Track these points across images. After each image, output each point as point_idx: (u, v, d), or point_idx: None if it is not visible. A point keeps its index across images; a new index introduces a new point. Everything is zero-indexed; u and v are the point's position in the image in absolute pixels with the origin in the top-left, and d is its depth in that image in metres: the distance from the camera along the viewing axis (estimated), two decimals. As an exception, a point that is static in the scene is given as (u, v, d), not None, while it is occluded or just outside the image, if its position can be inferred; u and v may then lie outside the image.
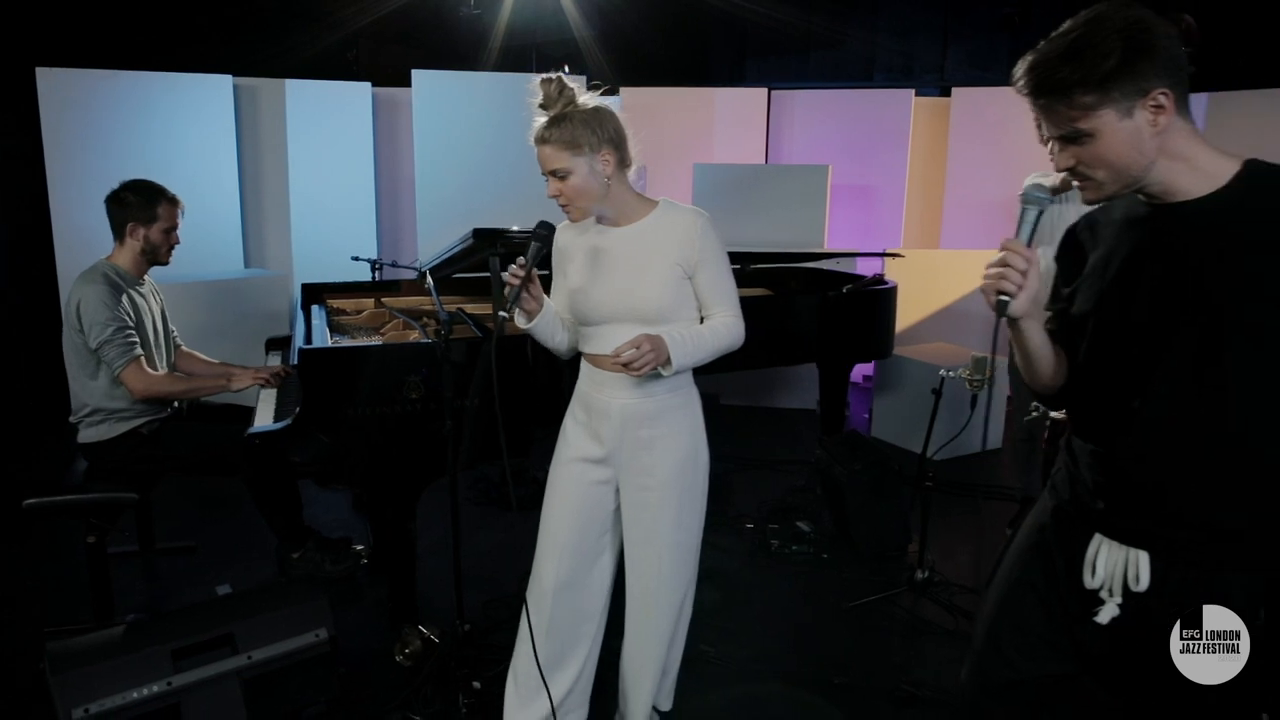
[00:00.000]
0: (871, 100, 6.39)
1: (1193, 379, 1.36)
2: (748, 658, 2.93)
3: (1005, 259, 1.39)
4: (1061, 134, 1.36)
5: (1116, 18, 1.30)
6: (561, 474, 2.23)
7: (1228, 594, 1.39)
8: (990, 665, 1.66)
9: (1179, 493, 1.40)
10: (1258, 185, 1.35)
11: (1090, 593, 1.49)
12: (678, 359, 1.96)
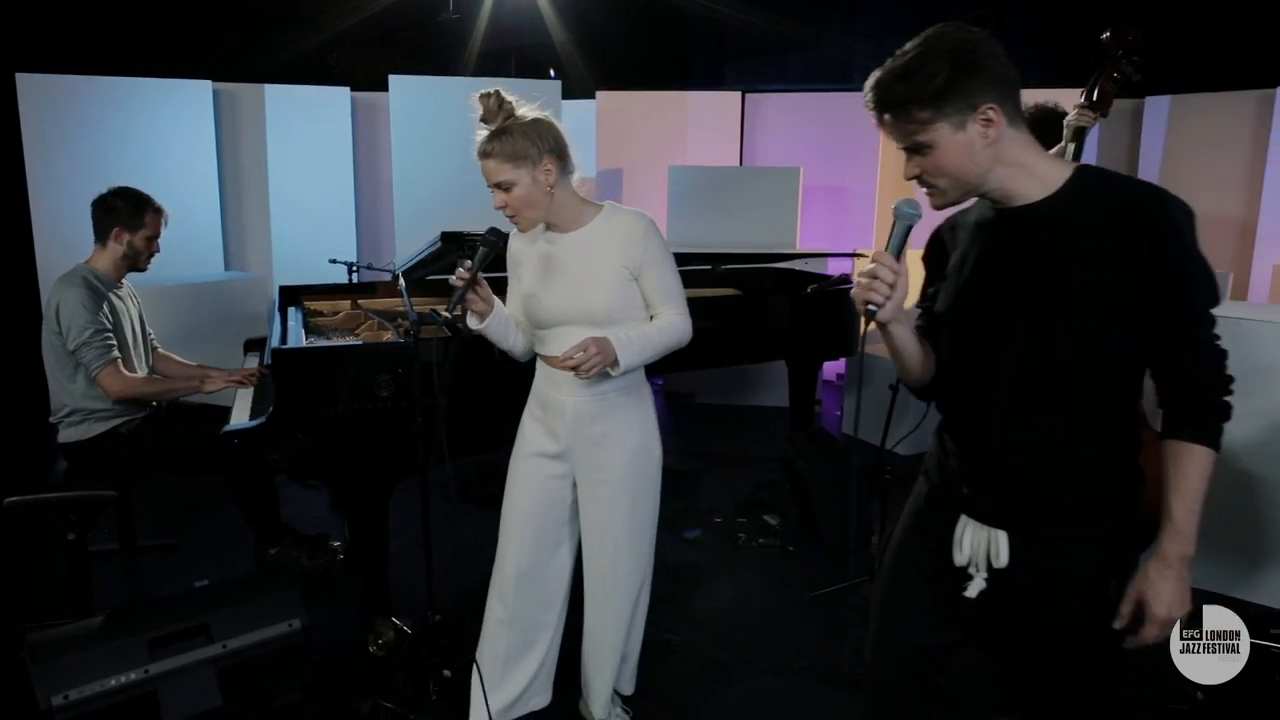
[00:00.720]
0: (843, 102, 6.50)
1: (1034, 370, 1.49)
2: (711, 645, 3.03)
3: (874, 270, 1.48)
4: (905, 145, 1.48)
5: (946, 40, 1.41)
6: (520, 468, 2.33)
7: (1076, 565, 1.53)
8: (887, 639, 1.77)
9: (1028, 474, 1.53)
10: (1088, 189, 1.47)
11: (961, 569, 1.62)
12: (625, 359, 2.05)
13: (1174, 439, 1.49)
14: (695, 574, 3.55)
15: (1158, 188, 1.47)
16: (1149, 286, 1.42)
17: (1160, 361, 1.48)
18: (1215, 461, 1.49)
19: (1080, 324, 1.45)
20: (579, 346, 2.02)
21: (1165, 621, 1.48)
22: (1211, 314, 1.47)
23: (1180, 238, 1.43)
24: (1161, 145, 6.16)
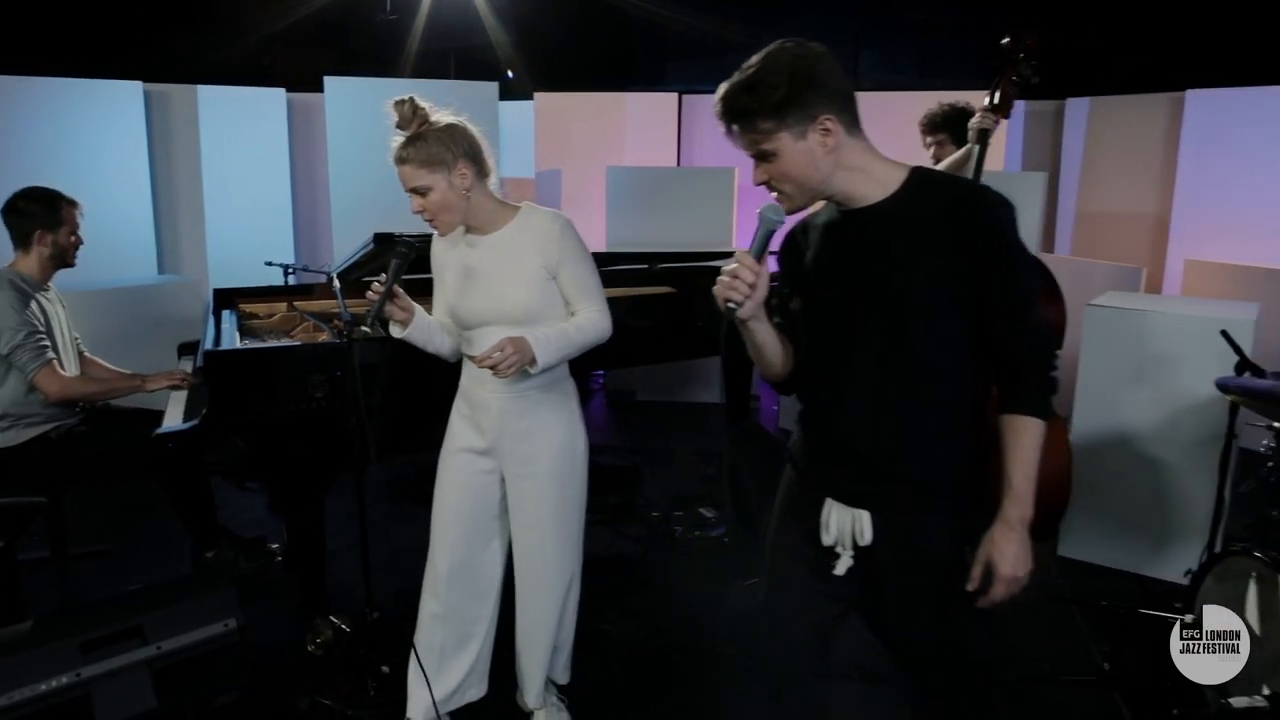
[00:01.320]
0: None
1: (883, 359, 1.61)
2: (647, 635, 3.11)
3: (736, 270, 1.58)
4: (752, 154, 1.59)
5: (785, 56, 1.53)
6: (448, 465, 2.39)
7: (934, 537, 1.66)
8: (778, 621, 1.88)
9: (884, 456, 1.64)
10: (921, 189, 1.60)
11: (830, 549, 1.73)
12: (543, 357, 2.12)
13: (1010, 413, 1.62)
14: (632, 567, 3.63)
15: (981, 185, 1.63)
16: (979, 275, 1.56)
17: (994, 344, 1.61)
18: (1044, 430, 1.62)
19: (921, 313, 1.58)
20: (496, 347, 2.07)
21: (1011, 579, 1.60)
22: (1036, 298, 1.62)
23: (1003, 230, 1.57)
24: (1082, 145, 6.40)
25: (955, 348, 1.61)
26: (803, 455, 1.80)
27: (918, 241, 1.57)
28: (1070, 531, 3.72)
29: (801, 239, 1.77)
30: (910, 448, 1.64)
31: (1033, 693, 2.81)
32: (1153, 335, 3.45)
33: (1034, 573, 1.64)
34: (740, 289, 1.58)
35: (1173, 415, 3.41)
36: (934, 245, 1.56)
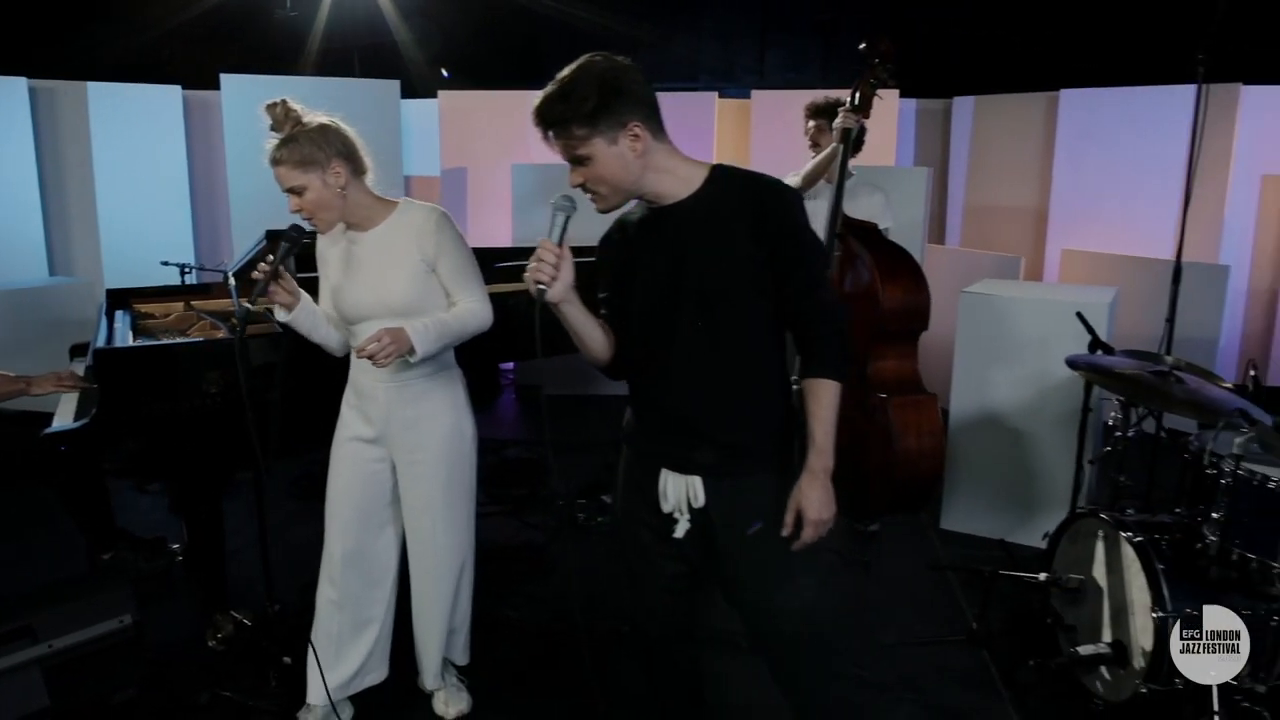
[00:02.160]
0: (678, 102, 6.78)
1: (699, 339, 1.78)
2: (548, 618, 3.20)
3: (539, 254, 1.73)
4: (569, 158, 1.73)
5: (596, 68, 1.68)
6: (340, 454, 2.45)
7: (759, 496, 1.83)
8: (639, 589, 2.04)
9: (708, 425, 1.82)
10: (721, 185, 1.78)
11: (669, 515, 1.89)
12: (421, 346, 2.19)
13: (810, 377, 1.82)
14: (537, 554, 3.72)
15: (773, 179, 1.81)
16: (775, 259, 1.74)
17: (793, 319, 1.82)
18: (840, 390, 1.83)
19: (729, 296, 1.76)
20: (372, 337, 2.15)
21: (817, 522, 1.79)
22: (826, 277, 1.85)
23: (794, 219, 1.77)
24: (968, 142, 6.71)
25: (761, 324, 1.80)
26: (637, 433, 1.96)
27: (721, 232, 1.74)
28: (950, 505, 3.95)
29: (618, 237, 1.91)
30: (730, 416, 1.82)
31: (911, 654, 2.99)
32: (1019, 319, 3.69)
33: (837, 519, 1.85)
34: (545, 270, 1.72)
35: (1039, 393, 3.65)
36: (735, 234, 1.74)
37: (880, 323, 3.30)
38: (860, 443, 3.40)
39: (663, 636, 2.06)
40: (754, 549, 1.87)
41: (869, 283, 3.34)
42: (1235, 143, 5.55)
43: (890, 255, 3.38)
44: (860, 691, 2.79)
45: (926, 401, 3.32)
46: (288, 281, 2.25)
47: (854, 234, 3.47)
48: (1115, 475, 3.00)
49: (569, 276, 1.76)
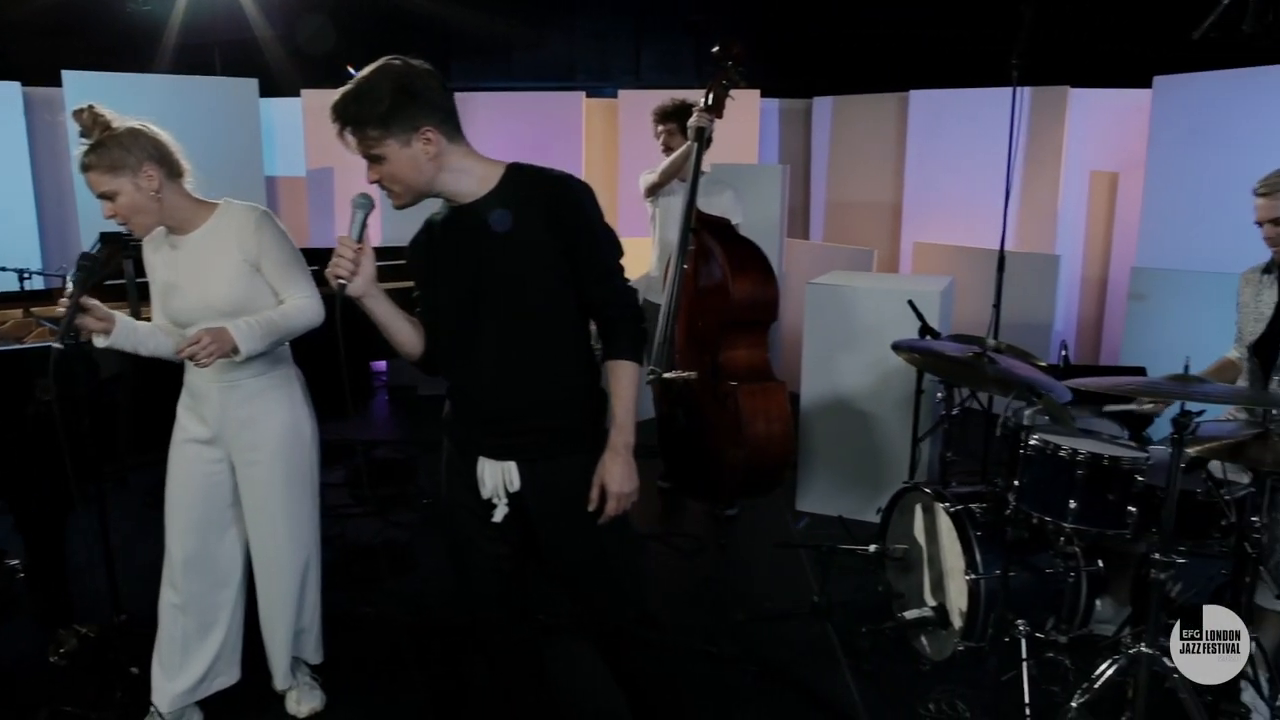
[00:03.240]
0: (546, 102, 6.85)
1: (506, 329, 1.87)
2: (408, 613, 3.23)
3: (339, 251, 1.80)
4: (364, 156, 1.79)
5: (391, 72, 1.75)
6: (177, 456, 2.43)
7: (571, 474, 1.92)
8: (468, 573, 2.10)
9: (520, 411, 1.91)
10: (516, 182, 1.87)
11: (488, 500, 1.97)
12: (244, 345, 2.18)
13: (611, 359, 1.94)
14: (400, 552, 3.73)
15: (564, 173, 1.91)
16: (570, 250, 1.84)
17: (592, 306, 1.92)
18: (639, 371, 1.95)
19: (530, 286, 1.85)
20: (190, 339, 2.14)
21: (619, 495, 1.90)
22: (620, 265, 1.95)
23: (586, 210, 1.87)
24: (828, 139, 6.99)
25: (563, 311, 1.90)
26: (454, 423, 2.03)
27: (517, 227, 1.83)
28: (805, 486, 4.14)
29: (425, 237, 1.98)
30: (540, 400, 1.91)
31: (759, 629, 3.14)
32: (862, 308, 3.90)
33: (639, 491, 1.96)
34: (344, 266, 1.79)
35: (881, 377, 3.87)
36: (533, 228, 1.83)
37: (730, 313, 3.44)
38: (712, 429, 3.55)
39: (496, 620, 2.13)
40: (572, 528, 1.95)
41: (720, 276, 3.48)
42: (1065, 141, 5.95)
43: (740, 249, 3.53)
44: (710, 667, 2.92)
45: (775, 388, 3.48)
46: (96, 309, 2.20)
47: (707, 229, 3.61)
48: (944, 451, 3.21)
49: (370, 271, 1.83)
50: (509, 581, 2.09)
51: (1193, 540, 2.44)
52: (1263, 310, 2.93)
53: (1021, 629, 2.62)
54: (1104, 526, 2.49)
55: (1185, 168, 5.20)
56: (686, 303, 3.68)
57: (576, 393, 1.95)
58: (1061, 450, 2.52)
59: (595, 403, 1.97)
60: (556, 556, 2.01)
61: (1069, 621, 2.72)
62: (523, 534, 2.02)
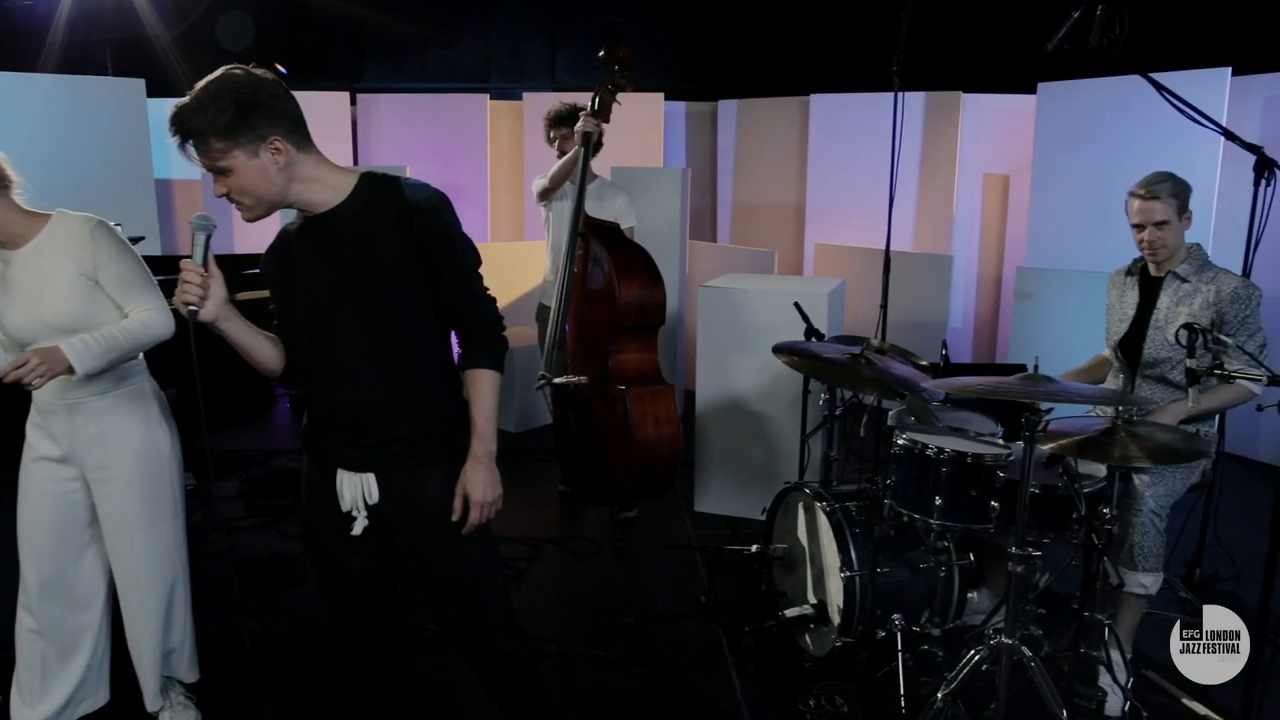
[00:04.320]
0: (450, 104, 6.79)
1: (364, 339, 1.85)
2: (288, 628, 3.16)
3: (185, 278, 1.75)
4: (209, 169, 1.75)
5: (235, 82, 1.70)
6: (28, 475, 2.34)
7: (430, 485, 1.92)
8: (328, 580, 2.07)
9: (378, 422, 1.89)
10: (370, 191, 1.85)
11: (348, 513, 1.95)
12: (81, 363, 2.09)
13: (471, 368, 1.94)
14: (289, 565, 3.66)
15: (420, 182, 1.90)
16: (426, 258, 1.84)
17: (450, 313, 1.92)
18: (499, 379, 1.96)
19: (387, 296, 1.83)
20: (17, 360, 2.05)
21: (482, 503, 1.91)
22: (478, 273, 1.94)
23: (442, 218, 1.86)
24: (734, 142, 7.08)
25: (421, 320, 1.89)
26: (312, 436, 2.00)
27: (373, 235, 1.81)
28: (702, 488, 4.18)
29: (280, 248, 1.94)
30: (398, 410, 1.89)
31: (649, 631, 3.17)
32: (752, 310, 3.96)
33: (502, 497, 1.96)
34: (193, 292, 1.75)
35: (773, 378, 3.93)
36: (388, 236, 1.81)
37: (618, 317, 3.46)
38: (602, 433, 3.56)
39: (363, 632, 2.10)
40: (431, 539, 1.94)
41: (607, 280, 3.49)
42: (959, 144, 6.13)
43: (627, 254, 3.55)
44: (596, 671, 2.94)
45: (663, 392, 3.51)
46: None
47: (594, 233, 3.62)
48: (828, 451, 3.28)
49: (220, 294, 1.79)
50: (373, 594, 2.06)
51: (1053, 532, 2.53)
52: (1126, 311, 3.06)
53: (898, 623, 2.69)
54: (969, 522, 2.58)
55: (1069, 170, 5.41)
56: (576, 307, 3.69)
57: (435, 402, 1.93)
58: (929, 449, 2.60)
59: (454, 413, 1.96)
60: (418, 568, 1.99)
61: (943, 615, 2.80)
62: (385, 546, 2.00)
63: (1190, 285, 2.88)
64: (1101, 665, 2.66)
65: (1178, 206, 2.83)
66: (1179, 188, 2.85)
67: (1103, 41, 2.64)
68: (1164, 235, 2.84)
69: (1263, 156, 3.06)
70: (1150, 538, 2.69)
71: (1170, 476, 2.77)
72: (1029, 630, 2.77)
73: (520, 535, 3.88)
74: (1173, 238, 2.85)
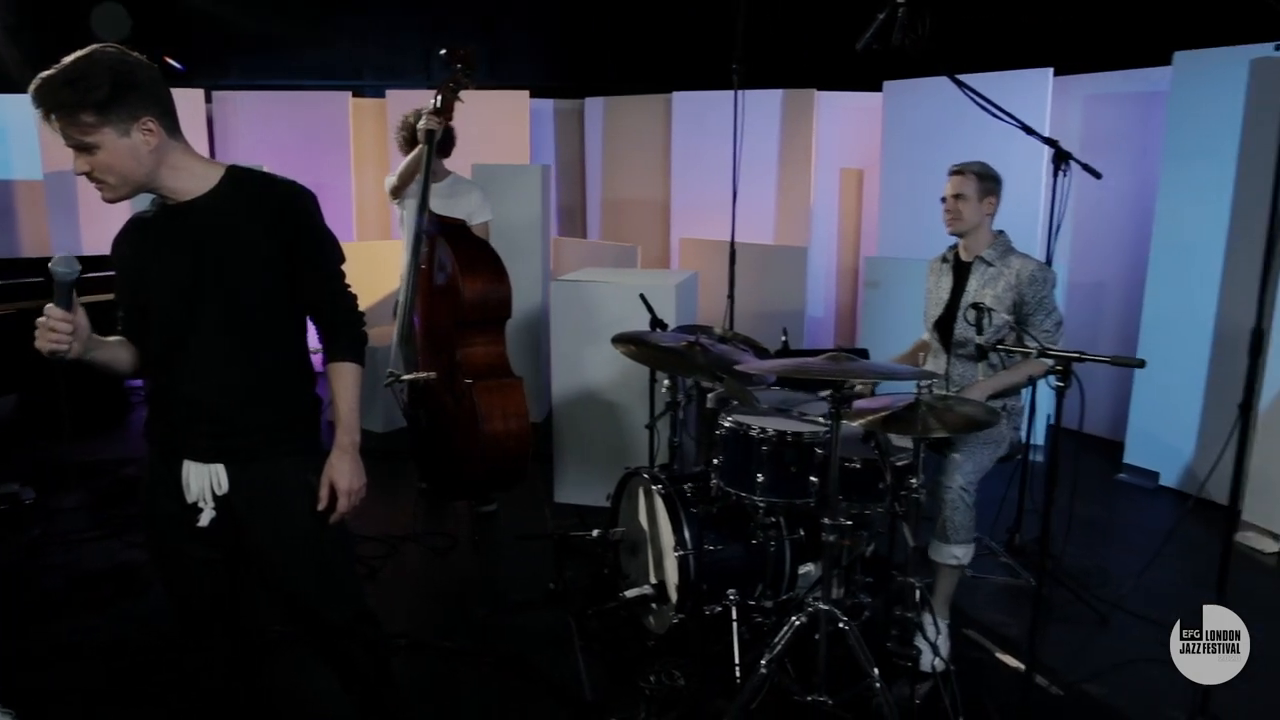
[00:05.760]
0: (312, 101, 6.67)
1: (221, 329, 1.85)
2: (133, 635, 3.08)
3: (49, 324, 1.72)
4: (73, 145, 1.72)
5: (110, 58, 1.69)
6: None
7: (284, 476, 1.93)
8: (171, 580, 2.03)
9: (232, 412, 1.89)
10: (238, 184, 1.87)
11: (194, 505, 1.92)
12: None
13: (334, 361, 1.98)
14: (133, 574, 3.56)
15: (287, 179, 1.93)
16: (292, 253, 1.87)
17: (314, 308, 1.96)
18: (361, 372, 2.00)
19: (248, 288, 1.85)
20: None
21: (349, 492, 1.93)
22: (342, 270, 1.98)
23: (310, 215, 1.90)
24: (601, 139, 7.16)
25: (282, 313, 1.91)
26: (158, 428, 1.96)
27: (238, 229, 1.82)
28: (561, 478, 4.25)
29: (134, 234, 1.91)
30: (255, 400, 1.89)
31: (500, 621, 3.21)
32: (603, 303, 4.04)
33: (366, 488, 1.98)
34: (61, 340, 1.72)
35: (624, 369, 4.01)
36: (253, 231, 1.83)
37: (463, 312, 3.49)
38: (452, 427, 3.59)
39: (209, 631, 2.07)
40: (286, 530, 1.94)
41: (451, 276, 3.51)
42: (815, 140, 6.36)
43: (470, 249, 3.58)
44: (446, 663, 2.96)
45: (511, 384, 3.56)
46: None
47: (440, 231, 3.64)
48: (672, 437, 3.38)
49: (85, 329, 1.76)
50: (220, 590, 2.03)
51: (866, 503, 2.69)
52: (941, 295, 3.27)
53: (732, 598, 2.81)
54: (791, 497, 2.71)
55: (914, 164, 5.68)
56: (423, 304, 3.71)
57: (293, 393, 1.95)
58: (752, 430, 2.72)
59: (311, 405, 1.98)
60: (270, 560, 1.97)
61: (775, 588, 2.93)
62: (233, 539, 1.95)
63: (995, 269, 3.10)
64: (916, 626, 2.84)
65: (979, 188, 3.07)
66: (986, 172, 3.10)
67: (905, 41, 2.80)
68: (959, 207, 3.10)
69: (1059, 150, 3.31)
70: (960, 512, 2.88)
71: (979, 453, 2.97)
72: (858, 598, 2.93)
73: (377, 534, 3.86)
74: (968, 212, 3.10)
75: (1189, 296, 4.49)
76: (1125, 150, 5.21)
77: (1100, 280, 5.43)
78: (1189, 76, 4.45)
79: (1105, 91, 5.31)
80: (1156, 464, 4.70)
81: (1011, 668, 2.97)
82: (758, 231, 6.39)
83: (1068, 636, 3.16)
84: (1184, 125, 4.47)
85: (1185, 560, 3.79)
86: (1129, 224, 5.24)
